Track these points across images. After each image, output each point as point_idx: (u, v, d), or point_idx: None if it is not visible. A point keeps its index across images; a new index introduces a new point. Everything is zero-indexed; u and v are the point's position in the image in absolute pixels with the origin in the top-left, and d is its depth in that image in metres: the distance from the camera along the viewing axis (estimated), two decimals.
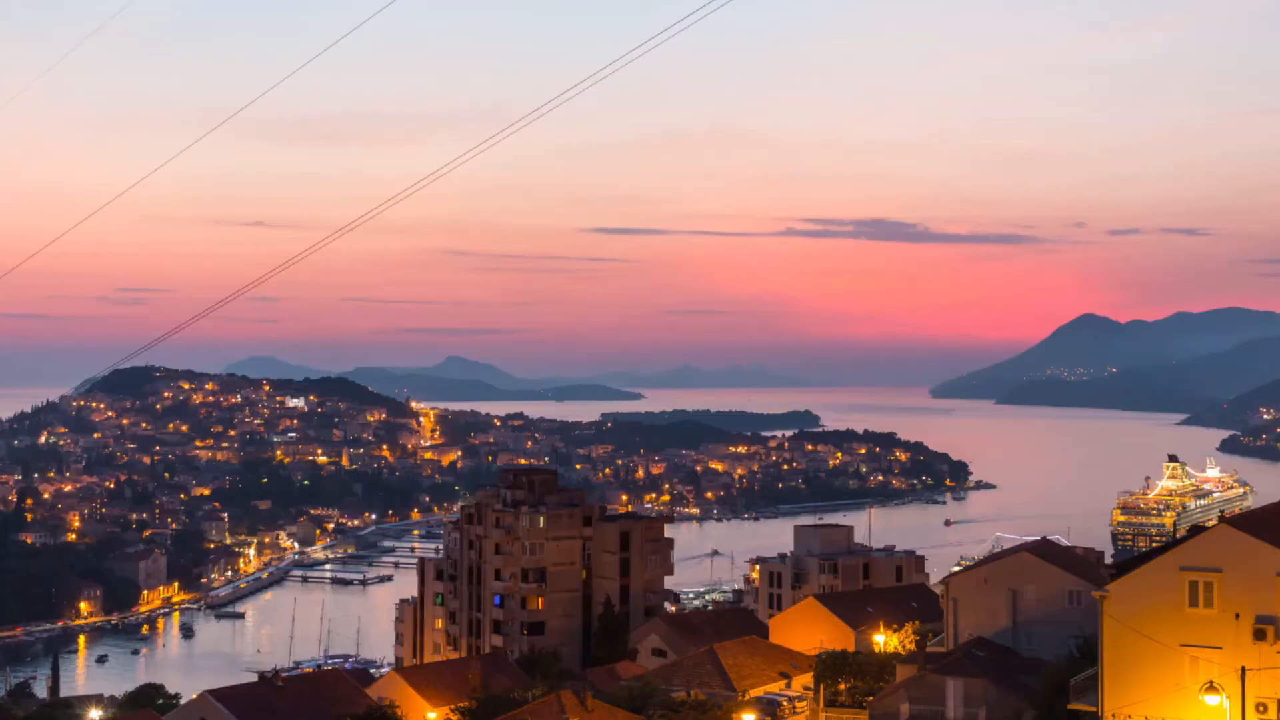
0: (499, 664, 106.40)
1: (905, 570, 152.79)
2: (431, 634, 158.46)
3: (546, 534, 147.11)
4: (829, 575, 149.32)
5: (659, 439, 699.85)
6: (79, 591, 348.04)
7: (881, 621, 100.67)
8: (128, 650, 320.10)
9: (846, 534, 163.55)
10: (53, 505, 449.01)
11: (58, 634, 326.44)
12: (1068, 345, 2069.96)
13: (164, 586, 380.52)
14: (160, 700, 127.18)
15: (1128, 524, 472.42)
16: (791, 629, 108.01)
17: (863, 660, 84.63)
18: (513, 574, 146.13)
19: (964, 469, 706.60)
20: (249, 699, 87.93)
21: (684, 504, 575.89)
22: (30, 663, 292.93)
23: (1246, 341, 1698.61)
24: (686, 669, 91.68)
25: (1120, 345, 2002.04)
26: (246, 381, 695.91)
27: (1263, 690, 52.69)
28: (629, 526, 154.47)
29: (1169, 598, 55.19)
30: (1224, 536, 55.53)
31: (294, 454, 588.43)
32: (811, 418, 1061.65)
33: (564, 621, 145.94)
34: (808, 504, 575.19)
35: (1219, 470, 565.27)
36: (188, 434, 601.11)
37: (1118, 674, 56.23)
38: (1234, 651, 53.18)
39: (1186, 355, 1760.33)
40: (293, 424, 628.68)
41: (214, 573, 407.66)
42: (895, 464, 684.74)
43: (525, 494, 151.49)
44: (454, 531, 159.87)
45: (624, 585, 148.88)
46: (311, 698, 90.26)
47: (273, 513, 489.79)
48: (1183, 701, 53.97)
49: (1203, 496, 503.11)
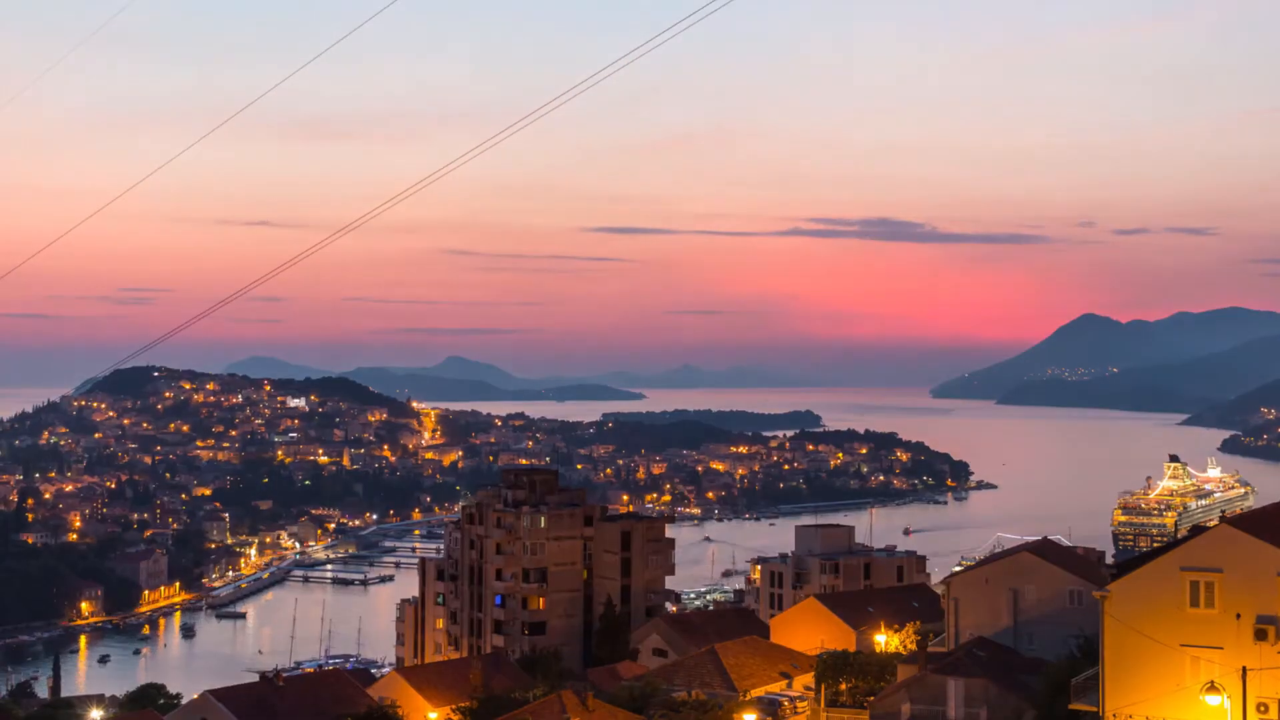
0: (500, 664, 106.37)
1: (906, 570, 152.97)
2: (432, 634, 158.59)
3: (548, 534, 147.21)
4: (830, 575, 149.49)
5: (660, 439, 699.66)
6: (80, 591, 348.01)
7: (882, 621, 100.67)
8: (129, 650, 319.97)
9: (847, 534, 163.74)
10: (54, 505, 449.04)
11: (59, 634, 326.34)
12: (1069, 345, 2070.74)
13: (165, 586, 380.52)
14: (161, 700, 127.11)
15: (1129, 524, 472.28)
16: (792, 629, 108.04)
17: (864, 660, 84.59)
18: (514, 574, 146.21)
19: (965, 469, 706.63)
20: (250, 699, 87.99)
21: (685, 504, 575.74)
22: (31, 663, 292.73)
23: (1247, 341, 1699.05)
24: (687, 669, 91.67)
25: (1121, 345, 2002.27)
26: (247, 381, 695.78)
27: (1263, 690, 52.67)
28: (630, 526, 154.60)
29: (1170, 598, 55.17)
30: (1225, 536, 55.51)
31: (295, 454, 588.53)
32: (812, 418, 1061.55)
33: (565, 621, 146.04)
34: (808, 504, 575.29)
35: (1220, 470, 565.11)
36: (189, 434, 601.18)
37: (1118, 674, 56.23)
38: (1235, 651, 53.16)
39: (1187, 355, 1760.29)
40: (294, 424, 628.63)
41: (215, 573, 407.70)
42: (896, 464, 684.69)
43: (526, 494, 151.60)
44: (455, 531, 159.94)
45: (625, 585, 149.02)
46: (312, 698, 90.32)
47: (274, 513, 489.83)
48: (1183, 702, 53.96)
49: (1204, 496, 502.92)
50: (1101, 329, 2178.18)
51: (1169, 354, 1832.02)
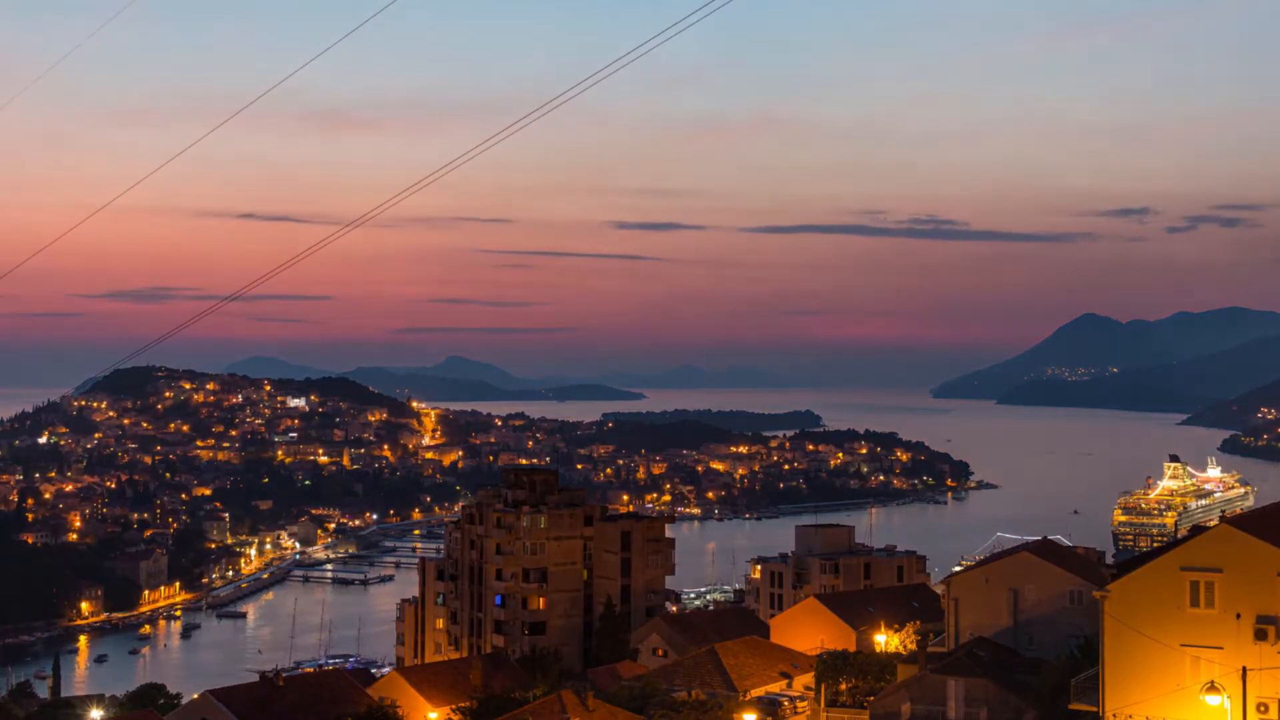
0: (500, 664, 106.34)
1: (906, 570, 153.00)
2: (433, 634, 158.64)
3: (548, 534, 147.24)
4: (830, 575, 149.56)
5: (660, 439, 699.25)
6: (80, 591, 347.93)
7: (882, 621, 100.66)
8: (128, 650, 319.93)
9: (847, 534, 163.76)
10: (54, 505, 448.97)
11: (58, 634, 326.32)
12: (1069, 345, 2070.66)
13: (165, 586, 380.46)
14: (161, 700, 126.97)
15: (1129, 524, 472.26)
16: (792, 629, 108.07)
17: (864, 660, 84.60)
18: (514, 574, 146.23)
19: (965, 469, 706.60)
20: (250, 699, 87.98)
21: (685, 504, 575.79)
22: (31, 663, 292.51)
23: (1247, 341, 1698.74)
24: (687, 669, 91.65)
25: (1121, 345, 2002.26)
26: (247, 381, 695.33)
27: (1264, 690, 52.69)
28: (630, 526, 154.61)
29: (1170, 598, 55.18)
30: (1225, 536, 55.51)
31: (295, 454, 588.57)
32: (813, 418, 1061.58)
33: (565, 621, 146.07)
34: (809, 504, 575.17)
35: (1220, 470, 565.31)
36: (189, 434, 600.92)
37: (1119, 674, 56.23)
38: (1235, 651, 53.17)
39: (1187, 355, 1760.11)
40: (294, 424, 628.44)
41: (215, 573, 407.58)
42: (896, 464, 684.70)
43: (526, 494, 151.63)
44: (455, 531, 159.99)
45: (625, 585, 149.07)
46: (312, 698, 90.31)
47: (274, 513, 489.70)
48: (1184, 701, 53.97)
49: (1204, 496, 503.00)
50: (1101, 329, 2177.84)
51: (1169, 354, 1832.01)
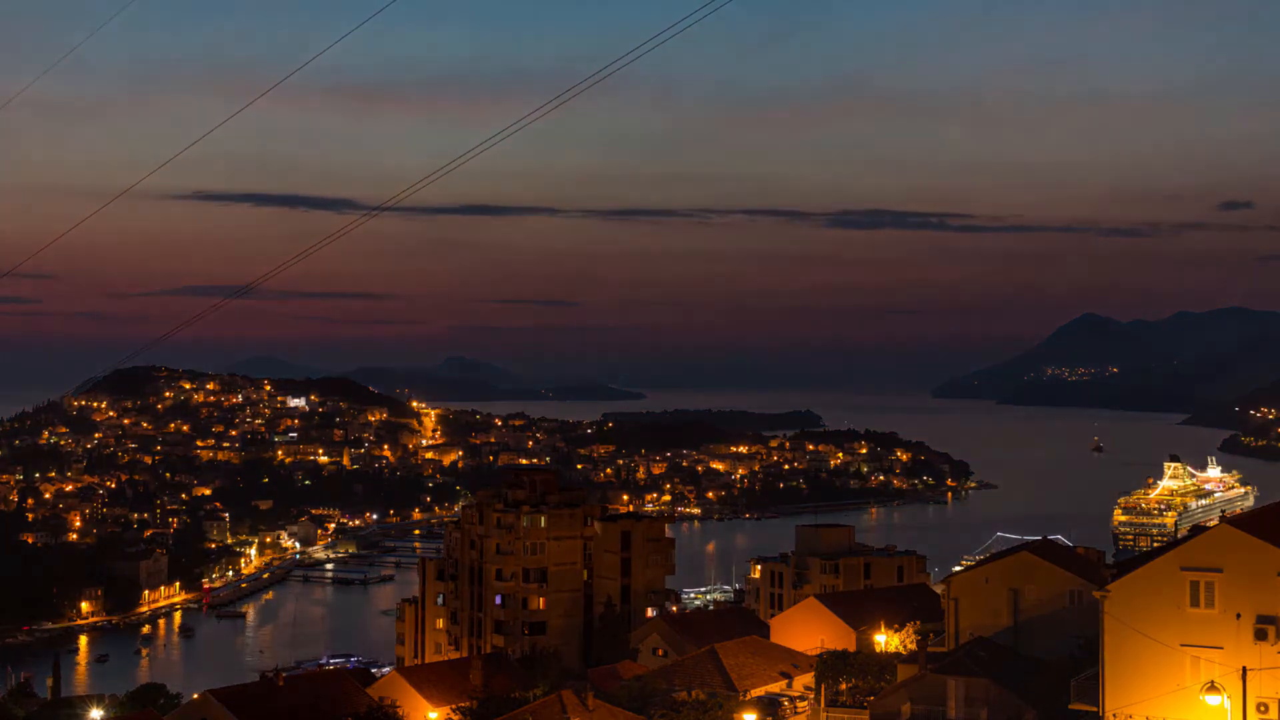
0: (500, 664, 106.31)
1: (906, 570, 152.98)
2: (433, 634, 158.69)
3: (548, 534, 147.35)
4: (830, 575, 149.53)
5: (660, 439, 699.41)
6: (80, 591, 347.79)
7: (882, 621, 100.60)
8: (129, 650, 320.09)
9: (847, 534, 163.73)
10: (54, 505, 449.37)
11: (59, 634, 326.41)
12: (1069, 345, 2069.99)
13: (165, 586, 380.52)
14: (162, 700, 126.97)
15: (1129, 524, 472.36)
16: (792, 629, 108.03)
17: (864, 660, 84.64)
18: (514, 574, 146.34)
19: (965, 469, 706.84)
20: (250, 699, 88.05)
21: (685, 504, 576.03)
22: (31, 663, 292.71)
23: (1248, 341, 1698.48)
24: (687, 669, 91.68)
25: (1121, 345, 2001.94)
26: (247, 381, 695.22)
27: (1264, 690, 52.71)
28: (630, 526, 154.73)
29: (1170, 598, 55.21)
30: (1225, 536, 55.54)
31: (295, 454, 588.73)
32: (813, 418, 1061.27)
33: (565, 621, 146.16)
34: (809, 504, 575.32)
35: (1220, 470, 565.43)
36: (189, 434, 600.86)
37: (1119, 674, 56.25)
38: (1235, 651, 53.20)
39: (1187, 355, 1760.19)
40: (294, 424, 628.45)
41: (215, 572, 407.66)
42: (896, 464, 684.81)
43: (526, 494, 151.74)
44: (455, 531, 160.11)
45: (625, 585, 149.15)
46: (312, 697, 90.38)
47: (274, 512, 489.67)
48: (1184, 701, 54.00)
49: (1204, 496, 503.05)
50: (1101, 329, 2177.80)
51: (1169, 354, 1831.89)
